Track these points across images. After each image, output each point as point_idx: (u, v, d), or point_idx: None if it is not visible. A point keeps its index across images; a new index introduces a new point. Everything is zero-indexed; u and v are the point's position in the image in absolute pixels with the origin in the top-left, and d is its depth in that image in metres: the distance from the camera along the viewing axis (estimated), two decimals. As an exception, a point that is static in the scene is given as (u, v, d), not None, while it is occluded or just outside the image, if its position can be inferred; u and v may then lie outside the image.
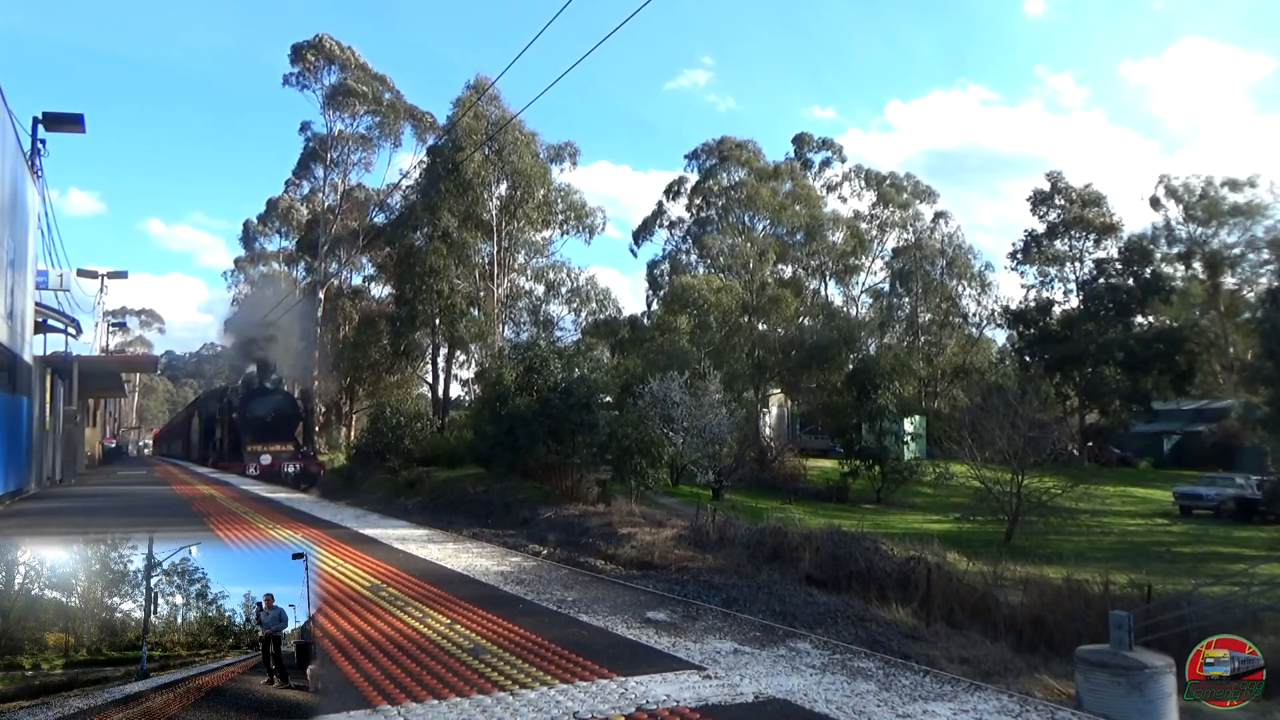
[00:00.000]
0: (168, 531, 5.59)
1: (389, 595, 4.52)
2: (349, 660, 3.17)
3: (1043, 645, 12.18)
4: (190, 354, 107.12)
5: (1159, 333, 45.60)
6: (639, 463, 28.76)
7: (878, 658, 3.27)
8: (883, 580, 15.58)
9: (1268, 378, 34.65)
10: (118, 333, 59.69)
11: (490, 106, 40.43)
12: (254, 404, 31.46)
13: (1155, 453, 46.63)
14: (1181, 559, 20.84)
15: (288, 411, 32.18)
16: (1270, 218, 46.82)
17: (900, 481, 33.66)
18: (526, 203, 42.36)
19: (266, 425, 30.50)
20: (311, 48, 45.57)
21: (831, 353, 41.99)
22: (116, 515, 10.28)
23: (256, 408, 31.29)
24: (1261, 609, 12.35)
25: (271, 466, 28.30)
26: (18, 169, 13.96)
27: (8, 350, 13.07)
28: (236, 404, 32.49)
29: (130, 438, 71.67)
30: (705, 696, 2.70)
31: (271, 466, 28.30)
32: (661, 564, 17.81)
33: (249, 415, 30.95)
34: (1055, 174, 50.73)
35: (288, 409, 32.33)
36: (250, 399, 31.85)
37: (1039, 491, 24.42)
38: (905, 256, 53.29)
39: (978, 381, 48.07)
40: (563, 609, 4.15)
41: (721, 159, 50.19)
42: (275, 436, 30.28)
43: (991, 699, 2.70)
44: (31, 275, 16.36)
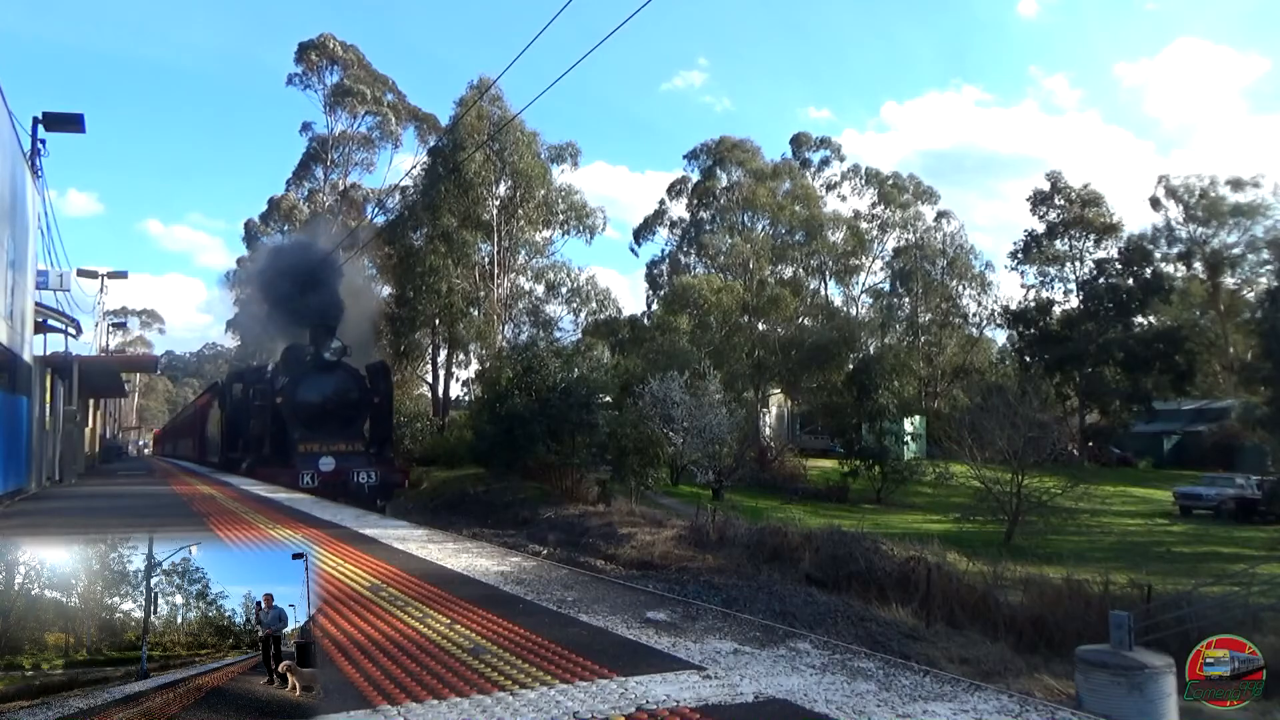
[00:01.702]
0: (167, 531, 5.59)
1: (389, 595, 4.52)
2: (349, 660, 3.17)
3: (1043, 645, 12.20)
4: (190, 354, 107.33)
5: (1159, 333, 45.60)
6: (638, 463, 28.81)
7: (878, 658, 3.27)
8: (883, 580, 15.61)
9: (1267, 378, 34.68)
10: (118, 333, 59.73)
11: (492, 106, 40.46)
12: (309, 385, 21.71)
13: (1155, 453, 46.63)
14: (1181, 559, 20.85)
15: (355, 395, 22.10)
16: (1271, 218, 46.87)
17: (900, 481, 33.69)
18: (527, 203, 42.39)
19: (327, 415, 21.35)
20: (315, 47, 45.66)
21: (831, 353, 42.01)
22: (117, 515, 10.28)
23: (312, 390, 21.62)
24: (1261, 609, 12.36)
25: (334, 476, 19.56)
26: (18, 169, 13.97)
27: (8, 350, 13.08)
28: (282, 385, 22.24)
29: (130, 438, 71.67)
30: (705, 696, 2.69)
31: (334, 476, 19.56)
32: (661, 564, 17.84)
33: (300, 401, 21.37)
34: (1055, 174, 50.80)
35: (356, 392, 22.19)
36: (303, 378, 21.82)
37: (1039, 491, 24.43)
38: (905, 256, 53.30)
39: (978, 381, 48.07)
40: (563, 609, 4.15)
41: (719, 159, 50.23)
42: (340, 432, 21.25)
43: (991, 699, 2.70)
44: (31, 275, 16.37)
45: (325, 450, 20.24)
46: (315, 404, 21.40)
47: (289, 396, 21.49)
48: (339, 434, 21.05)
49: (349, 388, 22.01)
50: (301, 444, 20.45)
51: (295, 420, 21.16)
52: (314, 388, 21.63)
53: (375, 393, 22.68)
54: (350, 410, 21.85)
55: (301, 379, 21.79)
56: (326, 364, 21.97)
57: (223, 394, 28.77)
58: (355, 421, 22.01)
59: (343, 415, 21.61)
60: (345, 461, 20.07)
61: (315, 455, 19.97)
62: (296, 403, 21.35)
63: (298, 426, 21.05)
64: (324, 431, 20.85)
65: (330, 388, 21.72)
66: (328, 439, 20.60)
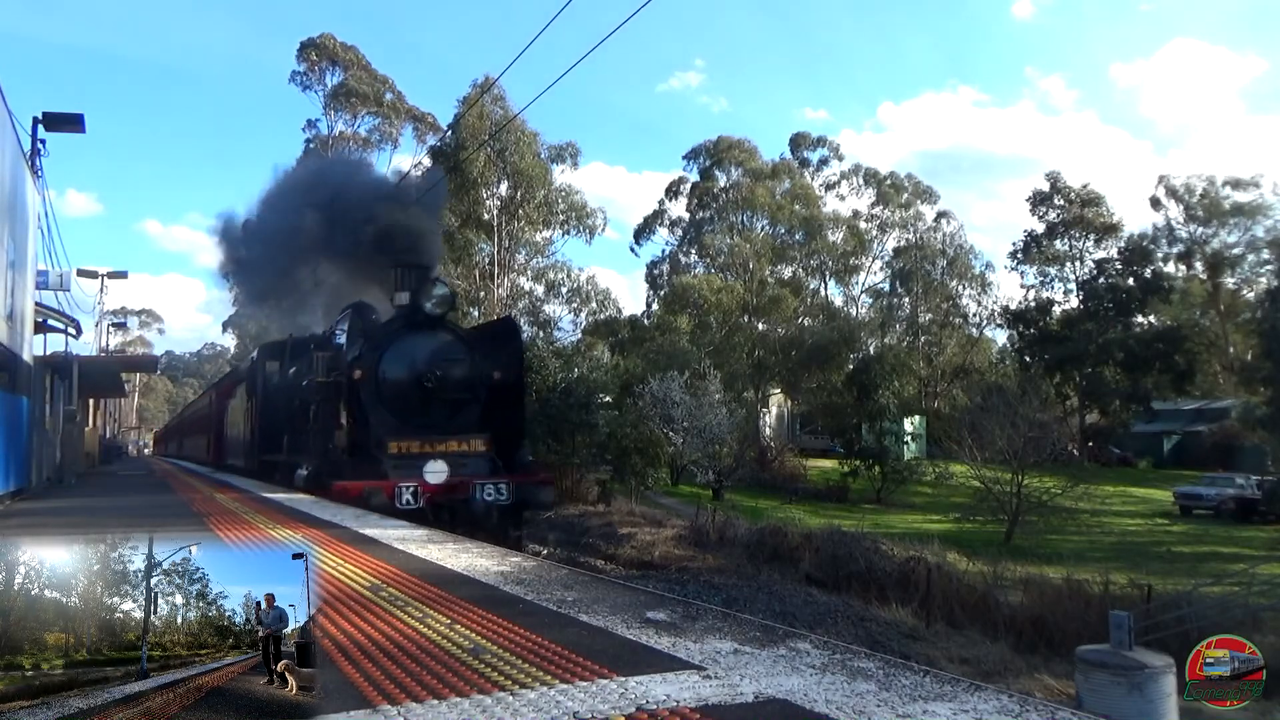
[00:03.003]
0: (167, 532, 5.59)
1: (389, 595, 4.52)
2: (349, 660, 3.17)
3: (1043, 645, 12.22)
4: (190, 354, 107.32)
5: (1159, 333, 45.62)
6: (639, 463, 28.85)
7: (878, 658, 3.27)
8: (883, 580, 15.64)
9: (1267, 378, 34.70)
10: (118, 333, 59.70)
11: (494, 106, 40.49)
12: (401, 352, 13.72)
13: (1155, 453, 46.65)
14: (1181, 559, 20.87)
15: (466, 371, 13.87)
16: (1271, 217, 46.91)
17: (900, 481, 33.72)
18: (528, 203, 42.43)
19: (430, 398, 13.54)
20: (314, 47, 45.71)
21: (831, 353, 42.05)
22: (116, 515, 10.29)
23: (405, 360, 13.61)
24: (1261, 609, 12.38)
25: (448, 490, 12.42)
26: (18, 169, 13.98)
27: (8, 350, 13.09)
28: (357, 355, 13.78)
29: (130, 438, 71.72)
30: (705, 696, 2.69)
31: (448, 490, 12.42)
32: (661, 564, 17.88)
33: (389, 378, 13.48)
34: (1054, 174, 50.87)
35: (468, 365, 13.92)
36: (390, 342, 13.75)
37: (1039, 491, 24.46)
38: (905, 256, 53.34)
39: (978, 381, 48.12)
40: (563, 609, 4.15)
41: (718, 159, 50.28)
42: (450, 423, 13.63)
43: (991, 699, 2.70)
44: (31, 275, 16.38)
45: (428, 450, 12.94)
46: (410, 381, 13.42)
47: (370, 371, 13.38)
48: (448, 427, 13.43)
49: (460, 355, 13.83)
50: (392, 444, 12.94)
51: (379, 406, 13.42)
52: (408, 357, 13.56)
53: (498, 364, 14.18)
54: (464, 390, 13.72)
55: (388, 344, 13.66)
56: (426, 320, 13.69)
57: (251, 377, 20.32)
58: (471, 407, 13.88)
59: (453, 399, 13.61)
60: (462, 470, 12.82)
61: (414, 459, 12.76)
62: (383, 380, 13.40)
63: (384, 416, 13.40)
64: (425, 423, 13.36)
65: (434, 356, 13.61)
66: (431, 434, 13.14)
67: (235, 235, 20.31)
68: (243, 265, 20.56)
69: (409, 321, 13.81)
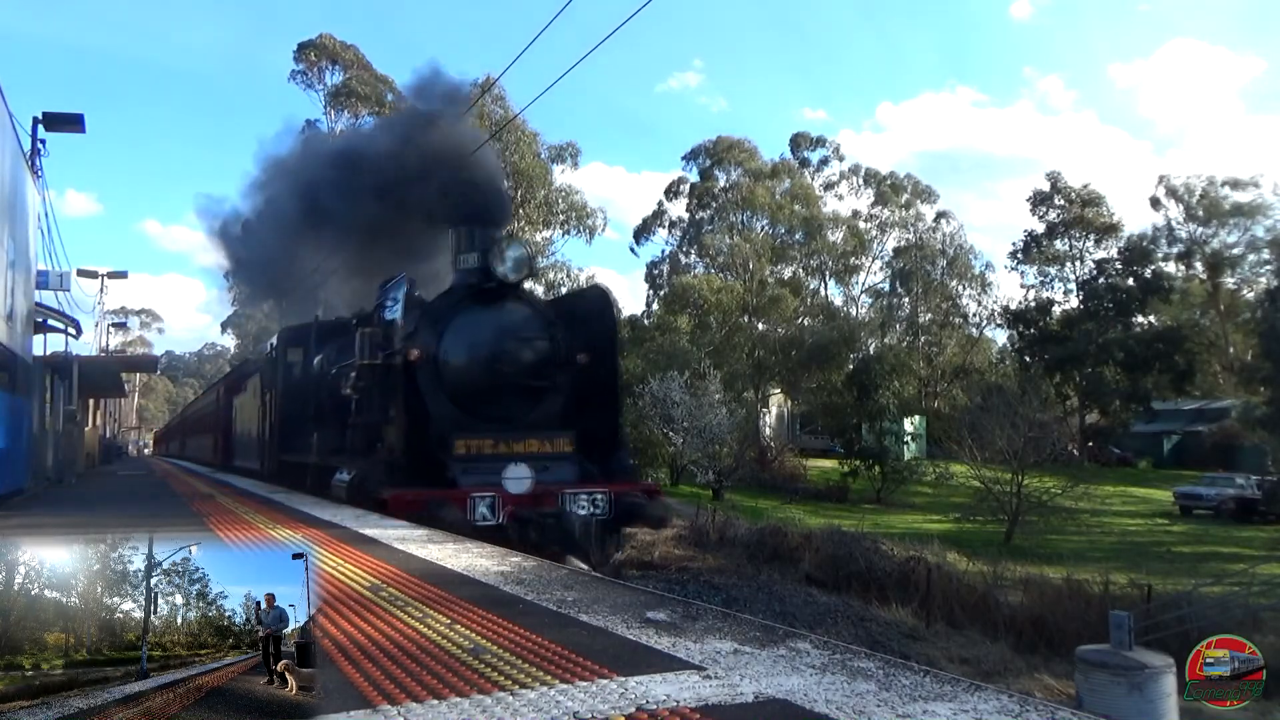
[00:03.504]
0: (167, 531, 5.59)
1: (389, 595, 4.52)
2: (349, 660, 3.17)
3: (1043, 645, 12.21)
4: (190, 354, 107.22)
5: (1159, 333, 45.63)
6: (638, 463, 28.82)
7: (878, 658, 3.27)
8: (883, 580, 15.63)
9: (1267, 378, 34.73)
10: (118, 333, 59.65)
11: (494, 106, 40.46)
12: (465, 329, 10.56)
13: (1155, 453, 46.67)
14: (1181, 559, 20.87)
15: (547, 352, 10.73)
16: (1271, 217, 46.94)
17: (900, 481, 33.73)
18: (528, 203, 42.40)
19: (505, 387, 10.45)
20: (314, 47, 45.68)
21: (831, 353, 42.03)
22: (117, 515, 10.29)
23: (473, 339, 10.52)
24: (1261, 609, 12.38)
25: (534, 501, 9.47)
26: (18, 169, 13.97)
27: (8, 350, 13.08)
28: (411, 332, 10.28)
29: (130, 438, 71.69)
30: (705, 696, 2.69)
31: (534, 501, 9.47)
32: (661, 564, 17.85)
33: (452, 362, 10.43)
34: (1054, 174, 50.86)
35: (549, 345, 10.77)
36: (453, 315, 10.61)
37: (1039, 491, 24.47)
38: (905, 256, 53.34)
39: (978, 381, 48.13)
40: (563, 609, 4.15)
41: (717, 159, 50.25)
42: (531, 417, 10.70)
43: (991, 699, 2.70)
44: (32, 275, 16.37)
45: (504, 451, 10.15)
46: (480, 364, 10.54)
47: (429, 351, 10.46)
48: (527, 421, 10.69)
49: (540, 333, 10.89)
50: (460, 440, 10.13)
51: (440, 395, 10.46)
52: (476, 334, 10.63)
53: (584, 343, 11.14)
54: (545, 376, 10.83)
55: (451, 316, 10.71)
56: (497, 290, 10.71)
57: (269, 367, 17.14)
58: (553, 397, 10.97)
59: (532, 386, 10.74)
60: (550, 478, 9.97)
61: (487, 462, 9.97)
62: (444, 363, 10.53)
63: (447, 407, 10.49)
64: (499, 416, 10.58)
65: (508, 333, 10.65)
66: (506, 430, 10.36)
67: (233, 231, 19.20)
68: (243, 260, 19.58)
69: (475, 291, 10.88)
